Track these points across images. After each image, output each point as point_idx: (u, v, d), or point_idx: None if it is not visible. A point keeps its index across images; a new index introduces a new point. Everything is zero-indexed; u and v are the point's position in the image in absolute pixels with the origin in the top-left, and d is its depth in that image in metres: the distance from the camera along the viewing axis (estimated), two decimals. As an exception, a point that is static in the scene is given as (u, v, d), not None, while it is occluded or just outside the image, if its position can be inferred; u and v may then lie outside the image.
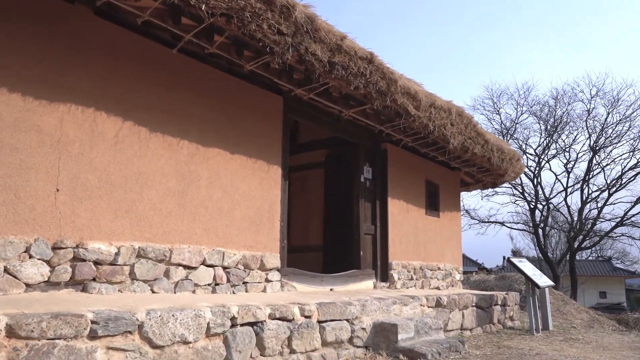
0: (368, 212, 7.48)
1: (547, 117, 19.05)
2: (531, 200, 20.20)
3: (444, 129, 6.77)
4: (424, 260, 8.40)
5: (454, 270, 9.34)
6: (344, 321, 4.93)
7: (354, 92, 5.37)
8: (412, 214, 8.23)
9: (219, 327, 3.68)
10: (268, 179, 5.51)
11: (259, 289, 5.20)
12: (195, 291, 4.53)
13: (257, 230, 5.28)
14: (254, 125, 5.43)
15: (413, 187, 8.34)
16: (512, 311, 9.02)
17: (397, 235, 7.74)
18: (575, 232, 19.06)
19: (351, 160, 7.51)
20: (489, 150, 8.05)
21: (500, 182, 10.24)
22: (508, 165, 8.82)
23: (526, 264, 8.57)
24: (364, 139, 7.46)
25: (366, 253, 7.31)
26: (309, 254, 8.09)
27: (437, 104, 6.40)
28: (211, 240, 4.77)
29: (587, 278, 32.89)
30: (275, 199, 5.58)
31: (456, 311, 7.15)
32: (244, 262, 5.05)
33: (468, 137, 7.43)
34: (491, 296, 8.21)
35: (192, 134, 4.73)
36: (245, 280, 5.04)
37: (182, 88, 4.71)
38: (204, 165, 4.81)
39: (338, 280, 6.60)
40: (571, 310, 14.55)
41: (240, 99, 5.31)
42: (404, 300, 6.01)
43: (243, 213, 5.15)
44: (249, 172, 5.28)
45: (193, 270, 4.53)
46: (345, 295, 5.81)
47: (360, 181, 7.34)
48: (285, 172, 5.86)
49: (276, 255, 5.46)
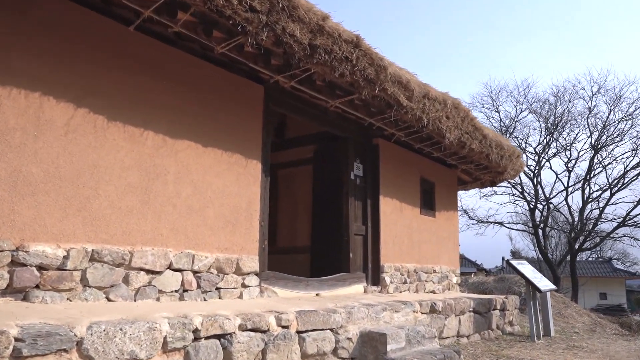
0: (358, 211, 7.02)
1: (547, 114, 18.60)
2: (531, 200, 19.76)
3: (438, 122, 6.32)
4: (418, 262, 7.95)
5: (450, 273, 8.88)
6: (327, 331, 4.47)
7: (340, 80, 4.92)
8: (406, 213, 7.78)
9: (179, 341, 3.22)
10: (246, 175, 5.05)
11: (235, 295, 4.74)
12: (159, 299, 4.06)
13: (232, 231, 4.82)
14: (230, 116, 4.97)
15: (407, 185, 7.89)
16: (512, 316, 8.57)
17: (390, 235, 7.29)
18: (576, 233, 18.61)
19: (340, 156, 7.06)
20: (487, 146, 7.59)
21: (500, 181, 9.78)
22: (507, 162, 8.37)
23: (526, 266, 8.11)
24: (354, 134, 7.01)
25: (356, 255, 6.86)
26: (296, 255, 7.64)
27: (431, 95, 5.95)
28: (179, 241, 4.31)
29: (587, 279, 32.48)
30: (254, 196, 5.12)
31: (452, 317, 6.71)
32: (217, 266, 4.59)
33: (465, 131, 6.98)
34: (489, 300, 7.76)
35: (158, 124, 4.27)
36: (219, 285, 4.58)
37: (148, 74, 4.25)
38: (172, 158, 4.35)
39: (325, 285, 6.15)
40: (572, 314, 14.15)
41: (215, 87, 4.85)
42: (395, 307, 5.55)
43: (217, 212, 4.69)
44: (224, 167, 4.82)
45: (157, 275, 4.07)
46: (330, 301, 5.36)
47: (349, 178, 6.88)
48: (266, 167, 5.41)
49: (254, 258, 5.00)
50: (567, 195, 19.07)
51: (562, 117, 18.46)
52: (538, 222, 19.77)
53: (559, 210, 20.57)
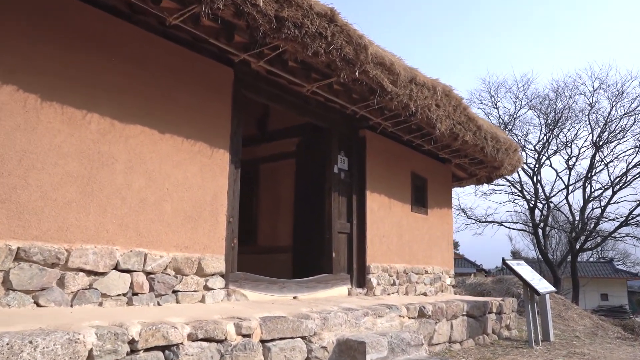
0: (343, 207, 6.53)
1: (547, 110, 18.08)
2: (531, 199, 19.25)
3: (428, 110, 5.83)
4: (409, 262, 7.45)
5: (444, 274, 8.38)
6: (297, 339, 3.98)
7: (314, 60, 4.43)
8: (396, 210, 7.29)
9: (108, 355, 2.74)
10: (212, 166, 4.57)
11: (196, 299, 4.25)
12: (102, 303, 3.57)
13: (194, 227, 4.33)
14: (194, 100, 4.48)
15: (397, 180, 7.40)
16: (509, 319, 8.08)
17: (377, 234, 6.80)
18: (577, 233, 18.08)
19: (323, 148, 6.56)
20: (481, 138, 7.10)
21: (497, 176, 9.28)
22: (504, 156, 7.87)
23: (524, 266, 7.61)
24: (337, 125, 6.52)
25: (340, 255, 6.37)
26: (277, 255, 7.16)
27: (419, 80, 5.46)
28: (129, 239, 3.82)
29: (588, 280, 31.98)
30: (220, 189, 4.63)
31: (443, 322, 6.21)
32: (174, 266, 4.10)
33: (457, 121, 6.49)
34: (485, 303, 7.26)
35: (105, 106, 3.79)
36: (177, 288, 4.09)
37: (93, 50, 3.76)
38: (122, 145, 3.86)
39: (304, 287, 5.66)
40: (573, 316, 13.70)
41: (176, 68, 4.37)
42: (378, 311, 5.06)
43: (176, 206, 4.20)
44: (186, 156, 4.34)
45: (100, 276, 3.58)
46: (307, 305, 4.87)
47: (333, 172, 6.39)
48: (236, 158, 4.92)
49: (220, 258, 4.50)
50: (567, 194, 18.57)
51: (562, 114, 17.97)
52: (538, 222, 19.25)
53: (559, 209, 20.06)
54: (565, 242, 29.25)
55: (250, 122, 7.87)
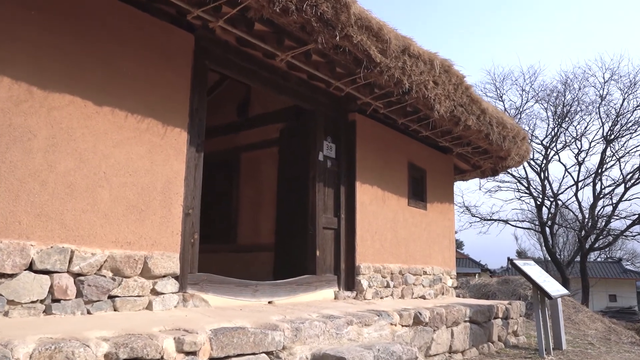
0: (329, 200, 5.80)
1: (556, 102, 17.23)
2: (538, 196, 18.42)
3: (424, 88, 5.09)
4: (405, 262, 6.71)
5: (444, 275, 7.63)
6: (260, 355, 3.27)
7: (285, 19, 3.69)
8: (390, 204, 6.54)
9: (-22, 386, 2.02)
10: (164, 147, 3.84)
11: (140, 305, 3.52)
12: (8, 313, 2.85)
13: (140, 220, 3.61)
14: (143, 69, 3.76)
15: (392, 171, 6.66)
16: (516, 325, 7.33)
17: (369, 230, 6.06)
18: (587, 231, 17.24)
19: (307, 133, 5.83)
20: (486, 123, 6.35)
21: (503, 168, 8.50)
22: (511, 145, 7.11)
23: (533, 266, 6.85)
24: (323, 106, 5.79)
25: (325, 253, 5.63)
26: (259, 254, 6.44)
27: (413, 51, 4.71)
28: (51, 232, 3.11)
29: (596, 280, 31.11)
30: (175, 175, 3.91)
31: (443, 329, 5.48)
32: (112, 266, 3.38)
33: (459, 103, 5.74)
34: (490, 308, 6.52)
35: (21, 69, 3.07)
36: (114, 293, 3.36)
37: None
38: (43, 118, 3.14)
39: (281, 290, 4.93)
40: (584, 319, 12.97)
41: (122, 30, 3.65)
42: (365, 319, 4.33)
43: (116, 193, 3.48)
44: (130, 134, 3.62)
45: (7, 279, 2.86)
46: (279, 312, 4.14)
47: (317, 160, 5.65)
48: (197, 139, 4.20)
49: (173, 256, 3.78)
50: (577, 190, 17.72)
51: (571, 106, 17.13)
52: (545, 220, 18.42)
53: (567, 207, 19.19)
54: (573, 241, 28.40)
55: (230, 108, 7.17)
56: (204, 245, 7.24)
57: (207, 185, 7.41)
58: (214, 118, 7.45)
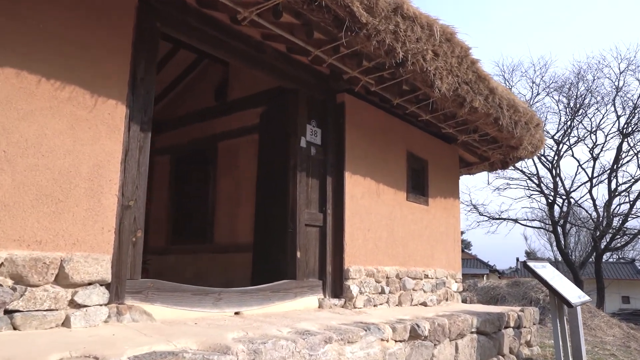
0: (314, 192, 5.02)
1: (569, 93, 16.30)
2: (549, 194, 17.51)
3: (422, 59, 4.29)
4: (403, 264, 5.91)
5: (448, 278, 6.82)
6: (197, 390, 2.49)
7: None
8: (386, 198, 5.75)
9: None
10: (93, 123, 3.08)
11: (53, 322, 2.75)
12: None
13: (56, 212, 2.85)
14: (64, 25, 3.01)
15: (388, 161, 5.86)
16: (530, 334, 6.52)
17: (360, 228, 5.27)
18: (602, 231, 16.31)
19: (288, 116, 5.05)
20: (495, 105, 5.53)
21: (514, 160, 7.66)
22: (524, 132, 6.28)
23: (548, 269, 6.01)
24: (306, 85, 5.01)
25: (308, 254, 4.85)
26: (236, 255, 5.69)
27: (408, 12, 3.92)
28: None
29: (609, 282, 30.08)
30: (107, 158, 3.14)
31: (445, 343, 4.70)
32: (12, 272, 2.61)
33: (463, 80, 4.93)
34: (500, 316, 5.72)
35: None
36: (14, 306, 2.60)
37: None
38: None
39: (252, 298, 4.15)
40: (600, 325, 12.14)
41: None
42: (348, 335, 3.54)
43: (21, 179, 2.72)
44: (44, 104, 2.86)
45: None
46: (242, 327, 3.37)
47: (299, 146, 4.87)
48: (143, 116, 3.43)
49: (102, 258, 3.01)
50: (591, 187, 16.79)
51: (585, 98, 16.20)
52: (557, 219, 17.50)
53: (580, 205, 18.28)
54: (585, 241, 27.39)
55: (207, 91, 6.41)
56: (177, 247, 6.55)
57: (180, 178, 6.73)
58: (189, 104, 6.71)
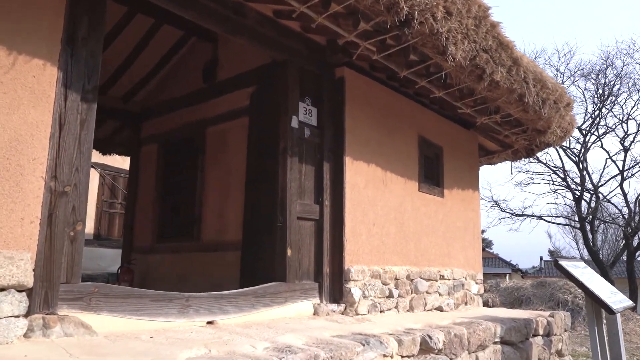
0: (307, 181, 4.33)
1: (597, 79, 15.26)
2: (576, 189, 16.50)
3: (431, 18, 3.57)
4: (415, 264, 5.18)
5: (467, 279, 6.06)
6: None
7: None
8: (395, 188, 5.03)
9: None
10: (10, 87, 2.45)
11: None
12: None
13: (-47, 199, 2.23)
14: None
15: (396, 147, 5.14)
16: (561, 342, 5.73)
17: (364, 222, 4.56)
18: (635, 227, 15.25)
19: (278, 93, 4.37)
20: (520, 79, 4.76)
21: (541, 146, 6.83)
22: (552, 112, 5.49)
23: (582, 269, 5.20)
24: (299, 57, 4.33)
25: (301, 252, 4.16)
26: (224, 254, 5.03)
27: (412, -46, 3.20)
28: None
29: (639, 282, 28.70)
30: (31, 131, 2.51)
31: (464, 356, 3.98)
32: None
33: (482, 47, 4.19)
34: (527, 323, 4.97)
35: None
36: None
37: None
38: None
39: (230, 305, 3.47)
40: (635, 329, 11.31)
41: None
42: (340, 352, 2.84)
43: None
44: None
45: None
46: (209, 341, 2.70)
47: (290, 127, 4.19)
48: (86, 82, 2.79)
49: (18, 257, 2.37)
50: (622, 181, 15.69)
51: (614, 85, 15.15)
52: (585, 215, 16.48)
53: (609, 200, 17.20)
54: (613, 240, 26.11)
55: (195, 73, 5.77)
56: (162, 245, 5.93)
57: (169, 169, 6.13)
58: (175, 88, 6.10)
